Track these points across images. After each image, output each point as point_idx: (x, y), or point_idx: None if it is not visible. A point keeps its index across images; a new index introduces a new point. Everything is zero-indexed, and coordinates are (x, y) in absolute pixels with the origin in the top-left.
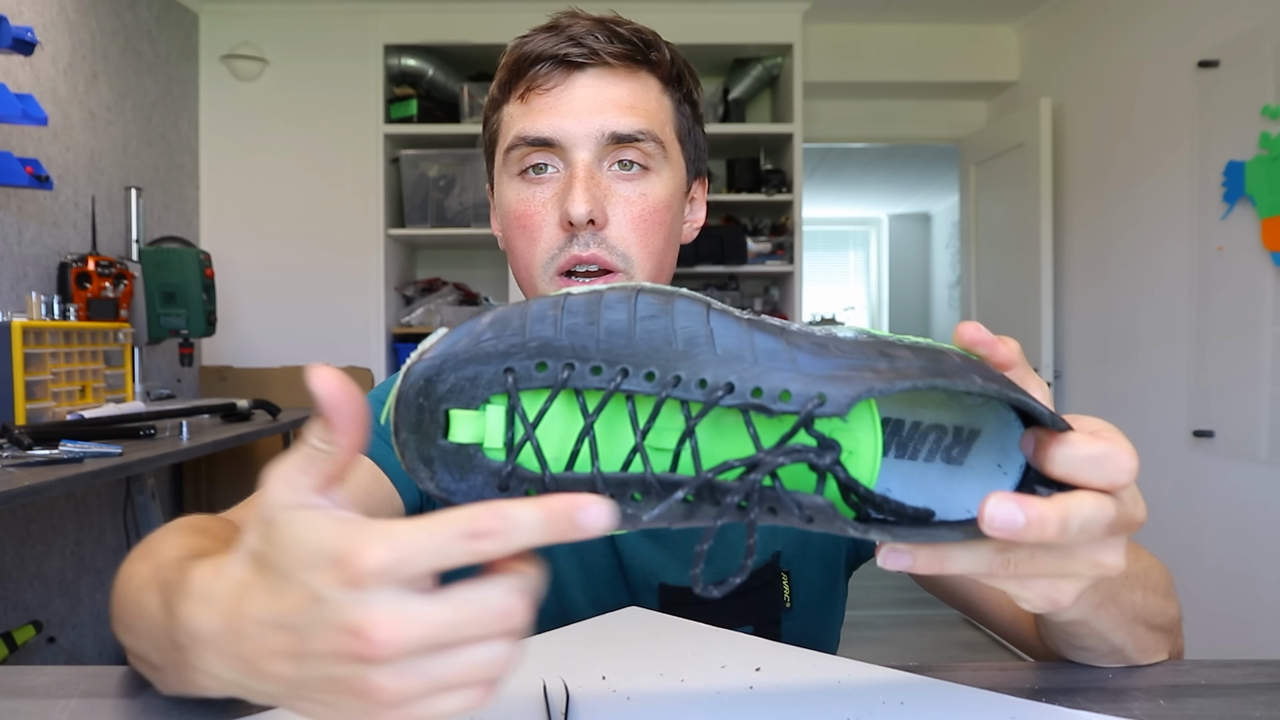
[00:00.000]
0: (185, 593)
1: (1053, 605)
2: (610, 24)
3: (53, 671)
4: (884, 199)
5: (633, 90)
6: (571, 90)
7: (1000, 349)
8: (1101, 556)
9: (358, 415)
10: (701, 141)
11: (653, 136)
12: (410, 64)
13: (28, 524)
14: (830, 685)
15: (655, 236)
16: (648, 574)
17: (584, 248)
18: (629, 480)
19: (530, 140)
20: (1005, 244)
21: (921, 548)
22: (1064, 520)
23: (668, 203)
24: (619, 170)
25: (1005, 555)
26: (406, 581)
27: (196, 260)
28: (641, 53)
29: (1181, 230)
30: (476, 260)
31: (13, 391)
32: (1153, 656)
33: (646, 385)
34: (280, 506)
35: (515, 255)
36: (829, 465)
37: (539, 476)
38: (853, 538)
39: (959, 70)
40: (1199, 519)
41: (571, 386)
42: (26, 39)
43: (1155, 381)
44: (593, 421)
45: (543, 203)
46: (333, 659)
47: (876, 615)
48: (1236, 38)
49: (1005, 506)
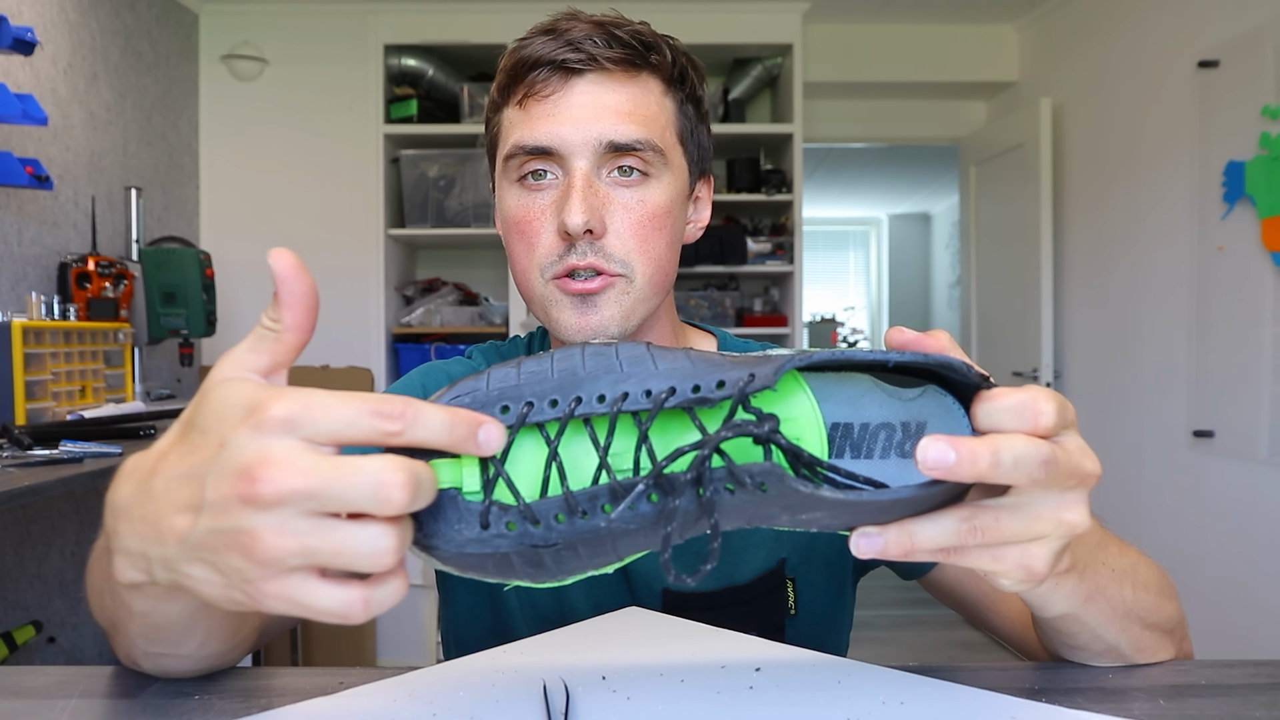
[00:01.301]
0: (115, 479)
1: (1029, 575)
2: (609, 26)
3: (53, 671)
4: (884, 199)
5: (632, 95)
6: (569, 97)
7: (929, 342)
8: (1064, 514)
9: (306, 296)
10: (705, 141)
11: (652, 145)
12: (410, 64)
13: (28, 524)
14: (830, 685)
15: (656, 242)
16: (651, 579)
17: (581, 256)
18: (597, 493)
19: (528, 149)
20: (1005, 244)
21: (890, 527)
22: (994, 454)
23: (668, 208)
24: (618, 177)
25: (971, 523)
26: (308, 438)
27: (196, 260)
28: (641, 56)
29: (1181, 230)
30: (476, 260)
31: (13, 391)
32: (1153, 656)
33: (599, 406)
34: (219, 380)
35: (514, 260)
36: (768, 433)
37: (515, 506)
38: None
39: (959, 70)
40: (1199, 519)
41: (532, 421)
42: (26, 39)
43: (1155, 381)
44: (556, 446)
45: (541, 210)
46: (222, 507)
47: (876, 615)
48: (1236, 38)
49: (936, 445)
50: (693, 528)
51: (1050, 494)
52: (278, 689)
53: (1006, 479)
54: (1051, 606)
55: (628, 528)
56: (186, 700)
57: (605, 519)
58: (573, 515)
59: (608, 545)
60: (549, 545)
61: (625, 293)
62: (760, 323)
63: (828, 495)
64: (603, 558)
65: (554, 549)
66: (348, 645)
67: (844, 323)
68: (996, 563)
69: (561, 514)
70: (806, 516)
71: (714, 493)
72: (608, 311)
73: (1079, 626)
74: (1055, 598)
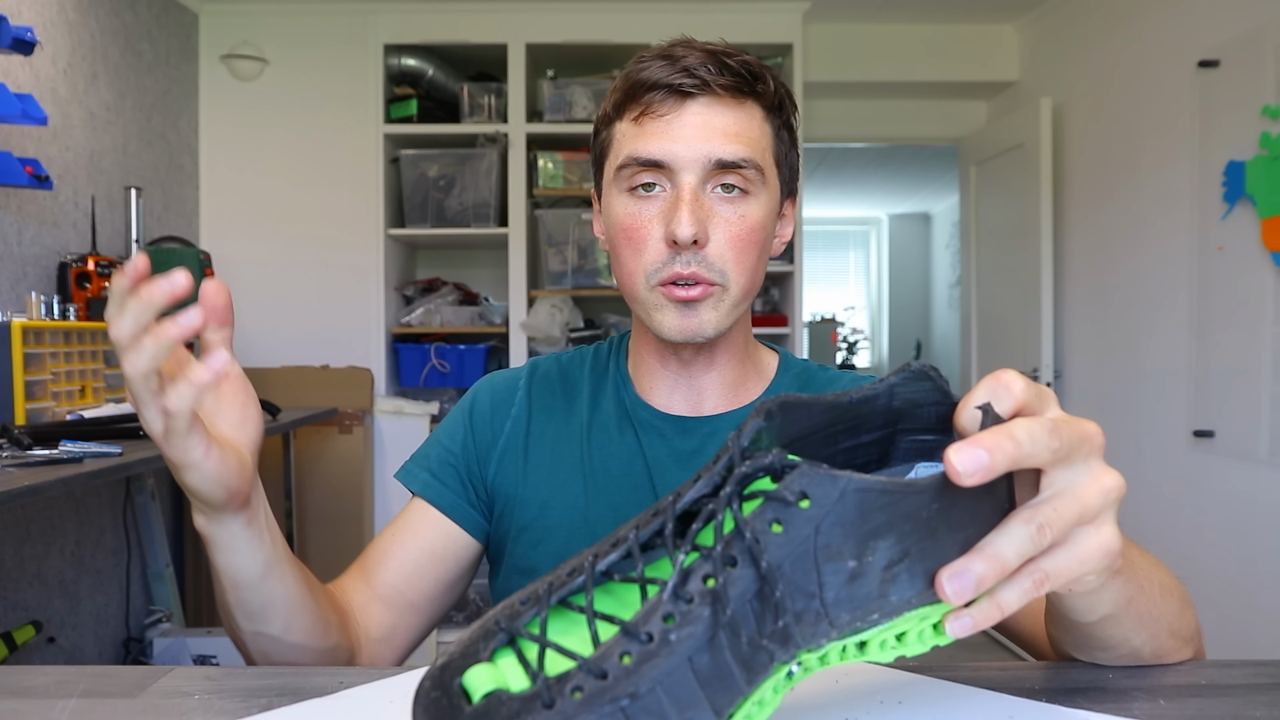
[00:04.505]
0: None
1: (1110, 555)
2: (721, 55)
3: (53, 671)
4: (884, 199)
5: (738, 119)
6: (682, 117)
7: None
8: (1101, 480)
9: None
10: (795, 164)
11: (754, 164)
12: (410, 64)
13: (28, 524)
14: (829, 685)
15: (750, 255)
16: None
17: (685, 265)
18: (654, 606)
19: (642, 161)
20: (1005, 244)
21: (974, 559)
22: (1011, 435)
23: (763, 223)
24: (721, 193)
25: (1033, 522)
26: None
27: (196, 260)
28: (749, 84)
29: (1181, 230)
30: (476, 260)
31: (12, 391)
32: (1170, 662)
33: (615, 553)
34: None
35: (620, 264)
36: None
37: (575, 668)
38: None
39: (959, 70)
40: (1199, 519)
41: (555, 601)
42: (26, 39)
43: (1155, 382)
44: (590, 603)
45: (649, 219)
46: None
47: None
48: (1236, 38)
49: (966, 452)
50: (758, 603)
51: (1074, 469)
52: (278, 689)
53: (1029, 458)
54: (1098, 608)
55: (695, 635)
56: (186, 700)
57: (674, 631)
58: (636, 642)
59: (691, 684)
60: (630, 702)
61: (721, 300)
62: (761, 323)
63: (874, 483)
64: (697, 709)
65: (638, 703)
66: None
67: (844, 323)
68: (1082, 563)
69: (628, 653)
70: (866, 530)
71: (758, 535)
72: (705, 316)
73: (1115, 629)
74: (1104, 597)
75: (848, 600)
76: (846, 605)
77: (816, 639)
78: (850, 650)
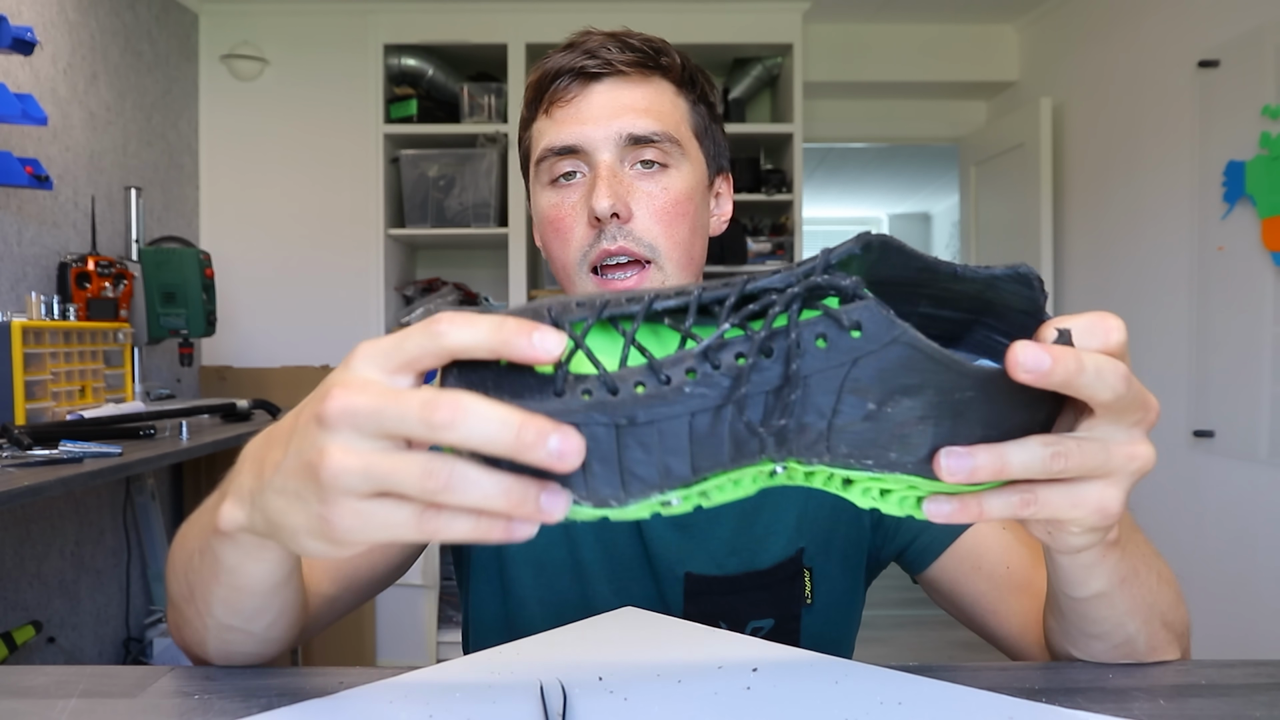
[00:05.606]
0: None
1: (1105, 517)
2: (622, 36)
3: (53, 671)
4: (884, 199)
5: (647, 95)
6: (590, 99)
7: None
8: (1136, 448)
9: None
10: (720, 139)
11: (668, 136)
12: (410, 64)
13: (28, 524)
14: (828, 685)
15: (679, 227)
16: (673, 562)
17: (611, 241)
18: (683, 357)
19: (556, 150)
20: (1005, 244)
21: (979, 448)
22: (1080, 361)
23: (689, 195)
24: (640, 169)
25: (1055, 448)
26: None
27: (196, 260)
28: (653, 59)
29: (1182, 230)
30: (476, 260)
31: (12, 391)
32: (1161, 656)
33: (676, 300)
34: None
35: (553, 257)
36: (855, 287)
37: (594, 375)
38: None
39: (959, 70)
40: (1199, 519)
41: (605, 315)
42: (26, 39)
43: (1155, 381)
44: (634, 333)
45: (572, 205)
46: (303, 431)
47: (876, 615)
48: (1236, 38)
49: (1031, 349)
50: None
51: (1119, 426)
52: (278, 689)
53: (1089, 391)
54: (1091, 582)
55: (706, 397)
56: (186, 700)
57: (690, 384)
58: (655, 378)
59: (683, 435)
60: (626, 424)
61: (655, 278)
62: None
63: (927, 346)
64: (678, 458)
65: (632, 430)
66: (348, 645)
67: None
68: (1075, 507)
69: (642, 383)
70: (899, 383)
71: (801, 340)
72: None
73: (1108, 610)
74: (1099, 570)
75: (852, 436)
76: (848, 439)
77: (810, 455)
78: (836, 480)
